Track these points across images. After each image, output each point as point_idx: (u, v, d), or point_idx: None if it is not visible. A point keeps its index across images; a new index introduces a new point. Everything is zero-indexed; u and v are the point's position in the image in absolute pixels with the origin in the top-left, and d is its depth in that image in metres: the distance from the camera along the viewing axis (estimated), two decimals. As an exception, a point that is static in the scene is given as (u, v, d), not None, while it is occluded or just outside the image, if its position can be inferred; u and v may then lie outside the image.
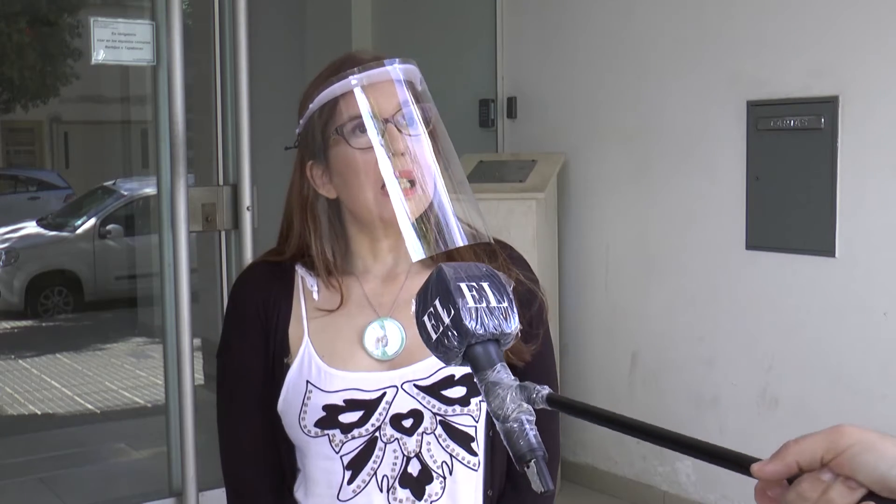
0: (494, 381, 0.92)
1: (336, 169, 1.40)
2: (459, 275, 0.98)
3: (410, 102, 1.33)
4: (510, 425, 0.90)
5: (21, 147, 15.85)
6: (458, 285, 0.96)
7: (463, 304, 0.95)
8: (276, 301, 1.45)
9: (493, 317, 0.95)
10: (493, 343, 0.95)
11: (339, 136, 1.37)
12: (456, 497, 1.43)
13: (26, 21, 12.43)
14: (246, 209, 3.54)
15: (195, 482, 3.52)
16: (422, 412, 1.40)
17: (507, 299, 0.97)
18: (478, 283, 0.97)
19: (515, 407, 0.90)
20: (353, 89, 1.34)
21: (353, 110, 1.35)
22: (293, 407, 1.40)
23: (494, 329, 0.95)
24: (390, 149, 1.31)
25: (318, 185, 1.43)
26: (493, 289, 0.97)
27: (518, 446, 0.89)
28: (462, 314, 0.94)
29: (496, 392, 0.92)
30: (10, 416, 6.29)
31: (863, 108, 3.50)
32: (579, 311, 4.53)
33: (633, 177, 4.29)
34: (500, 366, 0.94)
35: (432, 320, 0.96)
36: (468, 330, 0.94)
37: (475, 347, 0.94)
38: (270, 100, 5.23)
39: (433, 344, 0.96)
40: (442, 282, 0.97)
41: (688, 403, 4.09)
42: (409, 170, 1.32)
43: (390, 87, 1.33)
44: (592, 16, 4.45)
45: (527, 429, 0.90)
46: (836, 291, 3.61)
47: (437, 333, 0.96)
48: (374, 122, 1.33)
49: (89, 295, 9.46)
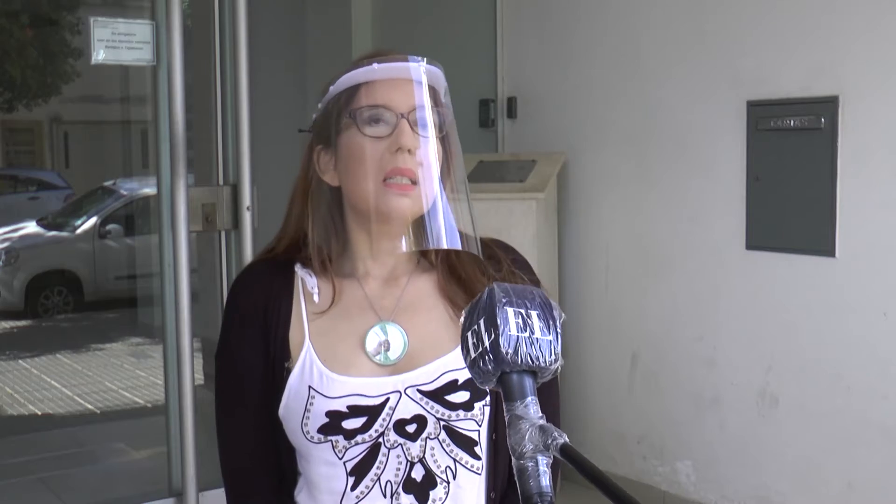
0: (520, 414, 0.90)
1: (342, 155, 1.40)
2: (511, 299, 0.95)
3: (426, 105, 1.34)
4: (525, 463, 0.88)
5: (21, 147, 15.84)
6: (506, 310, 0.94)
7: (504, 329, 0.92)
8: (276, 303, 1.44)
9: (534, 348, 0.92)
10: (528, 374, 0.93)
11: (352, 121, 1.37)
12: (460, 501, 1.42)
13: (27, 20, 12.43)
14: (246, 209, 3.54)
15: (195, 482, 3.52)
16: (425, 417, 1.39)
17: (554, 332, 0.94)
18: (526, 311, 0.94)
19: (533, 447, 0.88)
20: (376, 80, 1.36)
21: (371, 99, 1.36)
22: (295, 413, 1.39)
23: (531, 361, 0.92)
24: (397, 144, 1.33)
25: (323, 171, 1.42)
26: (541, 319, 0.94)
27: (528, 486, 0.88)
28: (500, 340, 0.92)
29: (518, 427, 0.90)
30: (10, 416, 6.29)
31: (863, 108, 3.50)
32: (579, 311, 4.53)
33: (634, 177, 4.29)
34: (531, 400, 0.92)
35: (474, 338, 0.94)
36: (503, 357, 0.92)
37: (511, 375, 0.92)
38: (270, 100, 5.24)
39: (470, 362, 0.95)
40: (490, 302, 0.94)
41: (688, 403, 4.09)
42: (412, 168, 1.33)
43: (410, 86, 1.35)
44: (592, 16, 4.45)
45: (541, 470, 0.88)
46: (836, 291, 3.60)
47: (475, 353, 0.94)
48: (388, 115, 1.35)
49: (89, 295, 9.46)
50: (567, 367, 4.55)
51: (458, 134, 1.39)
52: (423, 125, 1.34)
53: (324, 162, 1.42)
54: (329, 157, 1.42)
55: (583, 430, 4.46)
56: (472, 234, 1.31)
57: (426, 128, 1.34)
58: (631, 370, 4.34)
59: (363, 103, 1.37)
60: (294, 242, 1.46)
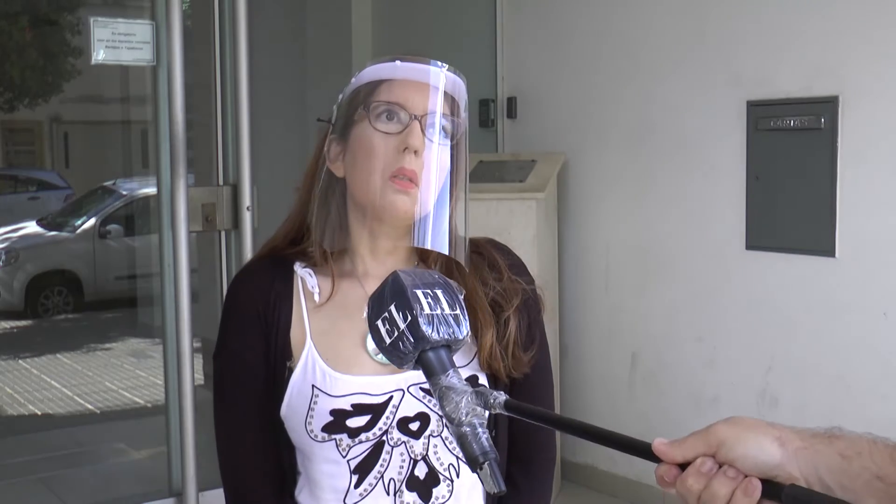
0: (448, 385, 0.95)
1: (351, 147, 1.41)
2: (416, 282, 1.00)
3: (439, 111, 1.36)
4: (464, 429, 0.93)
5: (21, 147, 15.84)
6: (415, 292, 0.99)
7: (420, 310, 0.97)
8: (277, 302, 1.44)
9: (447, 323, 0.98)
10: (444, 349, 0.98)
11: (365, 114, 1.38)
12: (462, 499, 1.43)
13: (27, 20, 12.43)
14: (246, 209, 3.54)
15: (195, 482, 3.52)
16: (428, 415, 1.40)
17: (459, 307, 1.00)
18: (432, 291, 1.00)
19: (469, 411, 0.93)
20: (396, 78, 1.38)
21: (388, 95, 1.38)
22: (298, 412, 1.39)
23: (448, 336, 0.98)
24: (405, 143, 1.34)
25: (331, 160, 1.44)
26: (446, 296, 1.00)
27: (471, 449, 0.92)
28: (419, 320, 0.97)
29: (450, 396, 0.94)
30: (10, 416, 6.29)
31: (863, 108, 3.50)
32: (579, 311, 4.53)
33: (633, 177, 4.29)
34: (452, 371, 0.96)
35: (386, 325, 0.99)
36: (424, 336, 0.97)
37: (428, 353, 0.97)
38: (270, 100, 5.24)
39: (386, 348, 0.99)
40: (398, 287, 1.00)
41: (688, 403, 4.09)
42: (416, 169, 1.34)
43: (429, 90, 1.37)
44: (592, 16, 4.45)
45: (479, 432, 0.92)
46: (836, 291, 3.60)
47: (391, 338, 0.98)
48: (402, 113, 1.36)
49: (89, 295, 9.46)
50: (567, 367, 4.57)
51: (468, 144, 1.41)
52: (434, 130, 1.36)
53: (334, 152, 1.43)
54: (340, 148, 1.43)
55: (583, 430, 4.46)
56: (463, 244, 1.33)
57: (436, 133, 1.36)
58: (631, 370, 4.34)
59: (380, 98, 1.38)
60: (297, 232, 1.47)
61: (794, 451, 0.87)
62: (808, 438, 0.88)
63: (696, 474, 0.86)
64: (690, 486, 0.86)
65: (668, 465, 0.88)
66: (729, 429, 0.87)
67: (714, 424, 0.89)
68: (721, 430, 0.88)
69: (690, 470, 0.87)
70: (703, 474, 0.86)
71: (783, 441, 0.87)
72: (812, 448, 0.87)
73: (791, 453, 0.87)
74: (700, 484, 0.86)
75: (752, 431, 0.87)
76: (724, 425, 0.88)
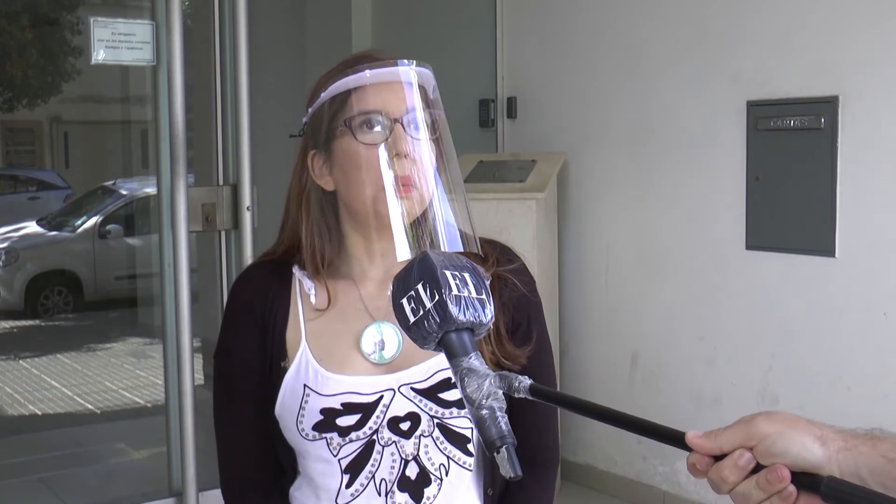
0: (470, 367, 0.95)
1: (338, 161, 1.40)
2: (445, 263, 1.00)
3: (418, 107, 1.33)
4: (483, 412, 0.92)
5: (21, 147, 15.86)
6: (444, 272, 0.98)
7: (448, 291, 0.97)
8: (274, 303, 1.45)
9: (474, 307, 0.98)
10: (468, 332, 0.97)
11: (347, 129, 1.37)
12: (453, 498, 1.43)
13: (27, 20, 12.44)
14: (246, 209, 3.54)
15: (195, 482, 3.52)
16: (419, 415, 1.40)
17: (486, 291, 1.00)
18: (461, 273, 0.99)
19: (489, 394, 0.92)
20: (367, 84, 1.35)
21: (364, 105, 1.36)
22: (290, 411, 1.41)
23: (474, 318, 0.97)
24: (394, 149, 1.32)
25: (317, 176, 1.43)
26: (473, 279, 1.00)
27: (490, 433, 0.91)
28: (447, 300, 0.96)
29: (472, 378, 0.93)
30: (10, 416, 6.29)
31: (863, 108, 3.50)
32: (579, 311, 4.53)
33: (633, 177, 4.29)
34: (475, 354, 0.96)
35: (412, 303, 0.98)
36: (451, 316, 0.96)
37: (451, 334, 0.97)
38: (270, 100, 5.24)
39: (410, 326, 0.98)
40: (428, 267, 0.99)
41: (688, 403, 4.09)
42: (410, 172, 1.33)
43: (402, 89, 1.34)
44: (592, 16, 4.45)
45: (498, 416, 0.91)
46: (836, 291, 3.61)
47: (415, 316, 0.98)
48: (383, 120, 1.34)
49: (89, 295, 9.47)
50: (567, 367, 4.57)
51: (456, 134, 1.39)
52: (417, 128, 1.33)
53: (318, 167, 1.43)
54: (323, 163, 1.42)
55: (583, 430, 4.47)
56: (472, 234, 1.31)
57: (420, 129, 1.33)
58: (631, 370, 4.34)
59: (356, 110, 1.36)
60: (292, 246, 1.47)
61: (835, 450, 0.87)
62: (850, 439, 0.88)
63: (733, 466, 0.87)
64: (726, 476, 0.87)
65: (701, 455, 0.89)
66: (771, 424, 0.88)
67: (754, 417, 0.89)
68: (762, 424, 0.88)
69: (727, 462, 0.87)
70: (739, 467, 0.87)
71: (825, 440, 0.88)
72: (855, 449, 0.87)
73: (833, 453, 0.87)
74: (736, 476, 0.87)
75: (794, 429, 0.87)
76: (764, 420, 0.88)
